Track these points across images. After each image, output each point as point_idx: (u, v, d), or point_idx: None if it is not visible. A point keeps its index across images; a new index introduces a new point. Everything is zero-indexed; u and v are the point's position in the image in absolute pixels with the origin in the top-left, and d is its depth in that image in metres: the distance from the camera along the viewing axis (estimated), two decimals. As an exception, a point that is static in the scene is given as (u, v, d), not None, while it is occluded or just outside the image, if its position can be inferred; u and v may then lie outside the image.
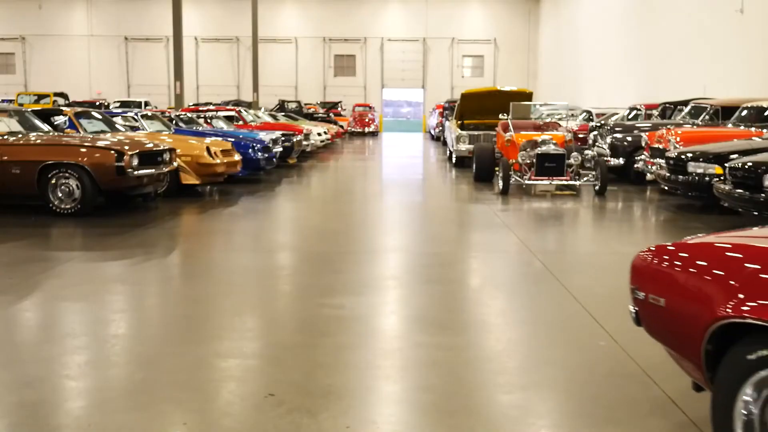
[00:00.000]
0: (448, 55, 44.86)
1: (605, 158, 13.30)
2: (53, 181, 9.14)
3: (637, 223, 9.90)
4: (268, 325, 4.91)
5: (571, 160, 12.16)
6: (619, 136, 13.98)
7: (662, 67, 22.12)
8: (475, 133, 16.69)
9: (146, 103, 33.06)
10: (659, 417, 3.39)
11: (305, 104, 37.70)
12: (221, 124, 16.58)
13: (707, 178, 9.26)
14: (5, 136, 9.53)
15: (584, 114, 20.71)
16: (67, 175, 9.12)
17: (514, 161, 12.35)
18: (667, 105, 16.45)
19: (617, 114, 18.80)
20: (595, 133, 15.35)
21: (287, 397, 3.55)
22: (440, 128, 29.44)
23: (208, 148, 11.62)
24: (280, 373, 3.90)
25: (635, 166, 12.84)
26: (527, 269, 6.65)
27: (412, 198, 12.30)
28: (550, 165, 12.16)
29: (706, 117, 12.99)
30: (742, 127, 11.45)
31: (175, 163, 10.75)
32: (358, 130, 38.15)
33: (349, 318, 4.96)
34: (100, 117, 12.01)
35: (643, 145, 12.33)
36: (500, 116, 14.80)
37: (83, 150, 9.20)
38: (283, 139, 16.46)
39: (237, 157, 12.49)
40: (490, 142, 15.75)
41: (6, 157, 9.20)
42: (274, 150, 14.73)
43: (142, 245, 7.61)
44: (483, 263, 7.08)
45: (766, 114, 11.45)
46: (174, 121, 14.50)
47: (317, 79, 45.31)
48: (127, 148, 9.33)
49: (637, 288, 3.11)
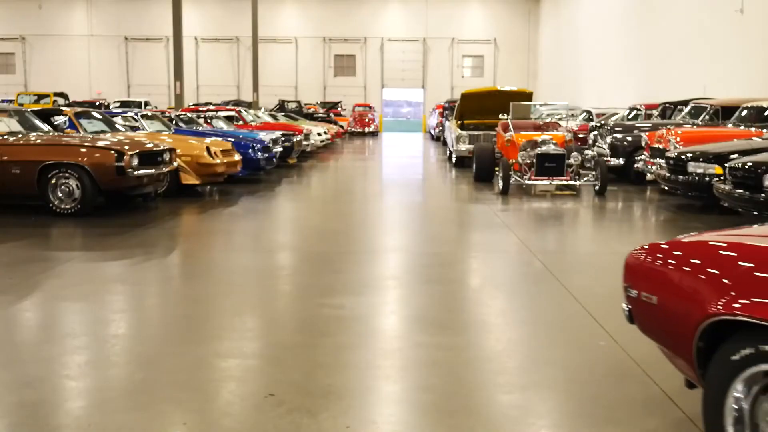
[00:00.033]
0: (448, 55, 44.86)
1: (605, 158, 13.30)
2: (53, 181, 9.14)
3: (637, 223, 9.90)
4: (268, 325, 4.91)
5: (571, 160, 12.16)
6: (619, 136, 13.98)
7: (662, 67, 22.12)
8: (475, 133, 16.69)
9: (146, 103, 33.06)
10: (659, 417, 3.39)
11: (305, 104, 37.70)
12: (221, 124, 16.58)
13: (707, 178, 9.26)
14: (5, 136, 9.53)
15: (584, 114, 20.71)
16: (67, 175, 9.12)
17: (514, 161, 12.35)
18: (667, 105, 16.45)
19: (617, 114, 18.80)
20: (595, 133, 15.35)
21: (287, 397, 3.55)
22: (440, 128, 29.44)
23: (208, 148, 11.62)
24: (280, 373, 3.90)
25: (635, 166, 12.84)
26: (527, 269, 6.65)
27: (412, 198, 12.30)
28: (550, 165, 12.16)
29: (706, 117, 12.99)
30: (742, 127, 11.45)
31: (175, 163, 10.75)
32: (358, 130, 38.14)
33: (349, 318, 4.96)
34: (100, 117, 12.01)
35: (643, 145, 12.33)
36: (500, 116, 14.80)
37: (83, 150, 9.20)
38: (283, 139, 16.46)
39: (237, 157, 12.50)
40: (490, 142, 15.75)
41: (6, 157, 9.20)
42: (274, 150, 14.73)
43: (142, 245, 7.61)
44: (483, 263, 7.08)
45: (766, 114, 11.45)
46: (174, 121, 14.50)
47: (317, 79, 45.31)
48: (127, 148, 9.33)
49: (630, 286, 3.13)
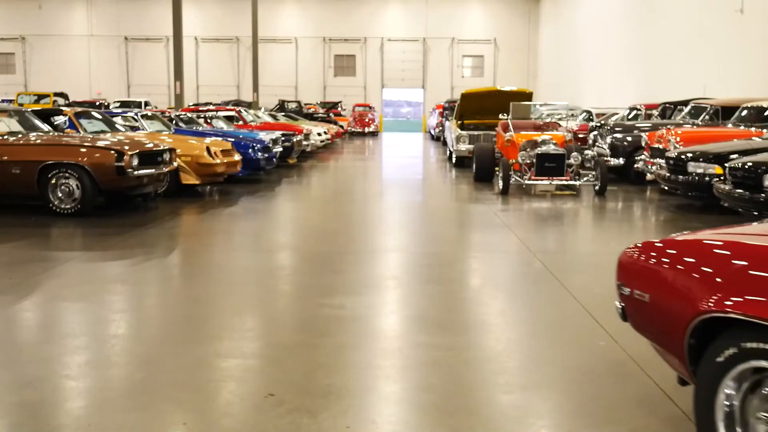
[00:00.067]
0: (448, 55, 44.86)
1: (605, 158, 13.30)
2: (53, 181, 9.14)
3: (637, 223, 9.90)
4: (268, 325, 4.91)
5: (571, 160, 12.16)
6: (619, 136, 13.98)
7: (662, 67, 22.12)
8: (475, 133, 16.69)
9: (146, 103, 33.06)
10: (660, 416, 3.39)
11: (305, 104, 37.70)
12: (221, 124, 16.58)
13: (707, 178, 9.26)
14: (5, 136, 9.53)
15: (584, 114, 20.71)
16: (67, 175, 9.12)
17: (514, 161, 12.35)
18: (667, 105, 16.45)
19: (617, 114, 18.80)
20: (595, 133, 15.35)
21: (287, 397, 3.55)
22: (440, 128, 29.44)
23: (208, 148, 11.62)
24: (280, 373, 3.90)
25: (635, 166, 12.84)
26: (527, 269, 6.65)
27: (412, 198, 12.30)
28: (550, 165, 12.16)
29: (706, 117, 13.00)
30: (742, 127, 11.45)
31: (175, 163, 10.75)
32: (358, 130, 38.14)
33: (349, 318, 4.96)
34: (100, 117, 12.01)
35: (643, 145, 12.33)
36: (500, 116, 14.80)
37: (83, 150, 9.20)
38: (283, 139, 16.46)
39: (237, 157, 12.50)
40: (490, 142, 15.75)
41: (6, 157, 9.20)
42: (274, 150, 14.73)
43: (142, 245, 7.61)
44: (483, 263, 7.08)
45: (766, 114, 11.45)
46: (174, 121, 14.50)
47: (317, 79, 45.32)
48: (127, 148, 9.33)
49: (623, 284, 3.15)
